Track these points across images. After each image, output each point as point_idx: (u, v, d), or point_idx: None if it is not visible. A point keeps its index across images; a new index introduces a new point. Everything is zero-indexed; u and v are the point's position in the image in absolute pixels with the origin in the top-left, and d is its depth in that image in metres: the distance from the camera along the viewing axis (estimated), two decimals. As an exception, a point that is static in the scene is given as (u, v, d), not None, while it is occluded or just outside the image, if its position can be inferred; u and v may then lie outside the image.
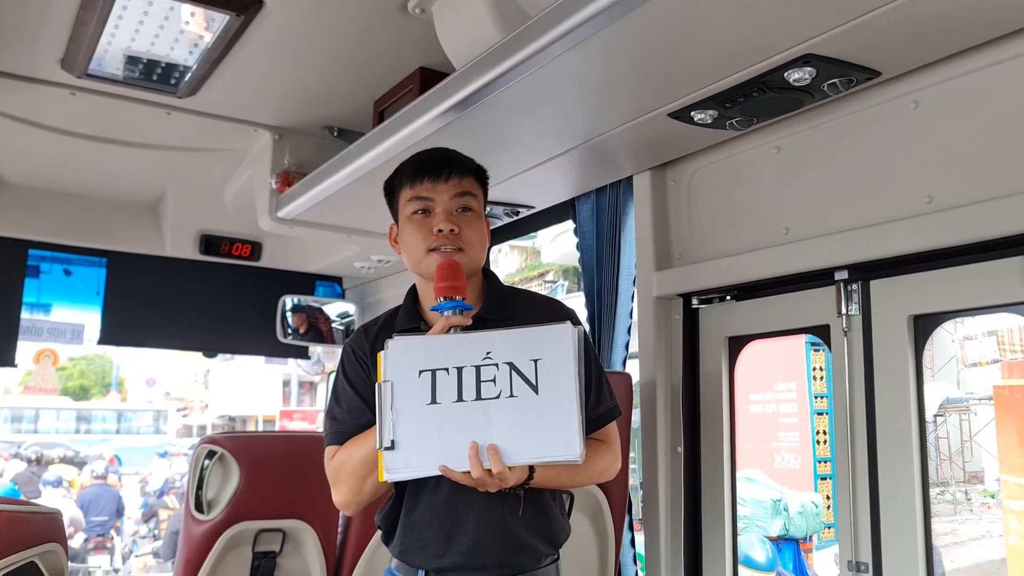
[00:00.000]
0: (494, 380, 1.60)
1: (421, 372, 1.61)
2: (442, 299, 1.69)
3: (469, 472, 1.56)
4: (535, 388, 1.60)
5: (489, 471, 1.55)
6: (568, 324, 1.66)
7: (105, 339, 4.15)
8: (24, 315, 3.88)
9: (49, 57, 2.61)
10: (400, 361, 1.61)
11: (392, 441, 1.57)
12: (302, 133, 3.17)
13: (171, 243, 3.99)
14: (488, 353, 1.62)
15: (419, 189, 1.82)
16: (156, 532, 12.52)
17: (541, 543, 1.79)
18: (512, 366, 1.61)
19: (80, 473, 16.81)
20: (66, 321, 5.14)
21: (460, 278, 1.71)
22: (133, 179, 3.67)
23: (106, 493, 12.43)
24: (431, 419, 1.58)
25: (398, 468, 1.58)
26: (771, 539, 7.68)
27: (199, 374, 30.01)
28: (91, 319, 4.39)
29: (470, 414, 1.59)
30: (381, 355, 1.62)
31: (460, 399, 1.59)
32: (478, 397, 1.60)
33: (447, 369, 1.61)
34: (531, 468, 1.62)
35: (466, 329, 1.68)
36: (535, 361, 1.61)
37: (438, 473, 1.57)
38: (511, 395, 1.59)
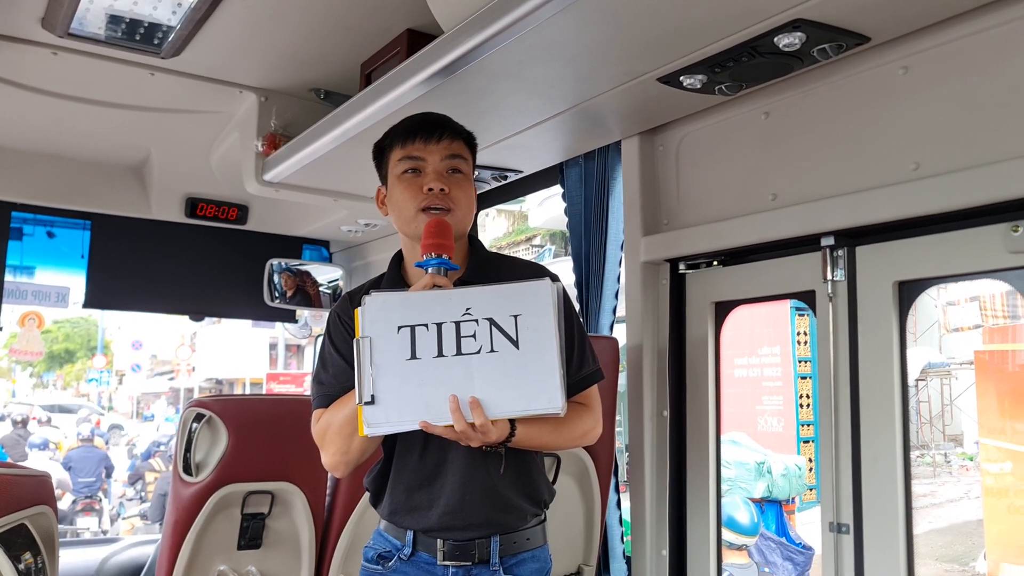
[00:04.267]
0: (474, 335, 1.61)
1: (400, 328, 1.61)
2: (428, 255, 1.69)
3: (451, 426, 1.58)
4: (515, 343, 1.61)
5: (472, 424, 1.57)
6: (547, 280, 1.68)
7: (90, 302, 4.13)
8: (8, 278, 3.85)
9: (30, 16, 2.57)
10: (378, 317, 1.62)
11: (372, 396, 1.58)
12: (288, 95, 3.14)
13: (156, 206, 3.96)
14: (468, 309, 1.63)
15: (410, 149, 1.83)
16: (143, 494, 12.59)
17: (526, 502, 1.82)
18: (492, 321, 1.62)
19: (66, 435, 16.82)
20: (51, 284, 5.11)
21: (448, 237, 1.72)
22: (117, 141, 3.63)
23: (92, 454, 12.46)
24: (411, 374, 1.59)
25: (379, 422, 1.59)
26: (754, 501, 7.80)
27: (186, 337, 29.97)
28: (76, 282, 4.37)
29: (451, 369, 1.60)
30: (358, 311, 1.63)
31: (440, 354, 1.60)
32: (458, 352, 1.61)
33: (426, 325, 1.61)
34: (512, 426, 1.64)
35: None
36: (515, 317, 1.62)
37: (419, 428, 1.59)
38: (492, 350, 1.61)
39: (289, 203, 3.60)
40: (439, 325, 1.62)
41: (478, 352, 1.61)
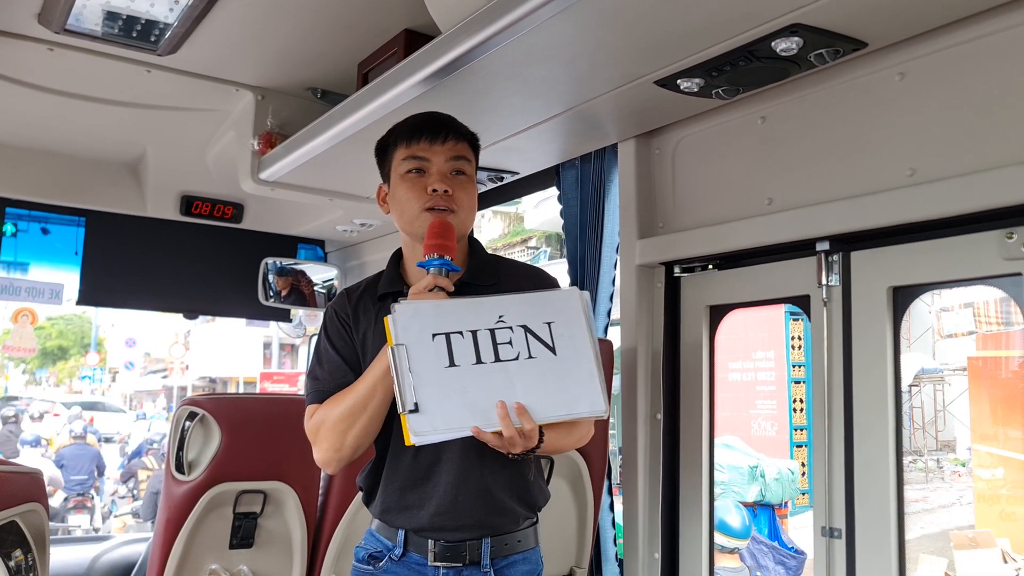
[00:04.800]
0: (511, 343, 1.62)
1: (435, 336, 1.60)
2: (430, 256, 1.69)
3: (499, 432, 1.57)
4: (552, 349, 1.63)
5: (519, 430, 1.57)
6: (575, 288, 1.72)
7: (84, 299, 4.11)
8: (1, 274, 3.84)
9: (26, 12, 2.56)
10: (411, 324, 1.60)
11: (416, 404, 1.56)
12: (285, 94, 3.13)
13: (151, 203, 3.95)
14: (501, 316, 1.63)
15: (415, 148, 1.83)
16: (135, 492, 12.56)
17: (519, 505, 1.82)
18: (527, 328, 1.63)
19: (59, 433, 16.77)
20: (44, 280, 5.09)
21: (451, 238, 1.73)
22: (112, 138, 3.62)
23: (85, 452, 12.44)
24: (452, 381, 1.58)
25: (425, 431, 1.56)
26: (747, 505, 7.81)
27: (179, 335, 29.89)
28: (70, 279, 4.35)
29: (492, 376, 1.59)
30: (388, 319, 1.61)
31: (479, 361, 1.60)
32: (497, 359, 1.61)
33: (461, 332, 1.61)
34: (541, 434, 1.63)
35: (455, 294, 1.69)
36: (548, 324, 1.64)
37: (468, 435, 1.57)
38: (530, 356, 1.62)
39: (285, 202, 3.60)
40: (474, 332, 1.61)
41: (516, 359, 1.61)
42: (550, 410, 1.60)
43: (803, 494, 8.96)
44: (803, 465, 9.33)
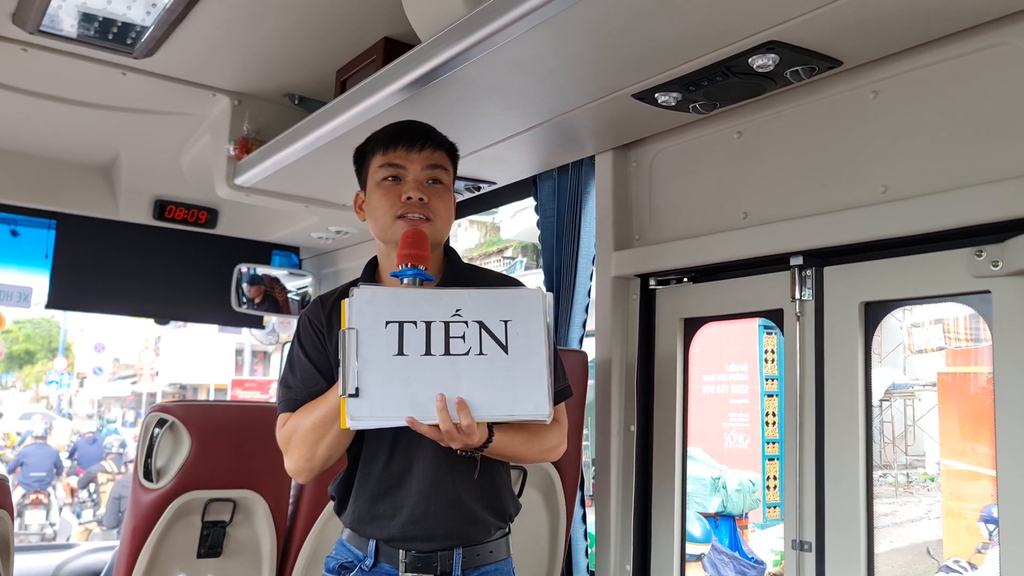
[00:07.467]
0: (463, 337, 1.60)
1: (388, 323, 1.59)
2: (404, 266, 1.68)
3: (436, 425, 1.56)
4: (504, 348, 1.61)
5: (457, 425, 1.56)
6: (539, 289, 1.70)
7: (53, 303, 4.06)
8: (-31, 276, 3.78)
9: (0, 12, 2.53)
10: (366, 310, 1.60)
11: (356, 388, 1.55)
12: (262, 100, 3.11)
13: (124, 207, 3.91)
14: (458, 310, 1.62)
15: (391, 156, 1.82)
16: (95, 498, 12.47)
17: (491, 515, 1.81)
18: (482, 325, 1.62)
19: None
20: (13, 283, 5.02)
21: (425, 247, 1.72)
22: (86, 140, 3.58)
23: (44, 451, 12.51)
24: (398, 370, 1.57)
25: (362, 416, 1.56)
26: (708, 516, 7.87)
27: (150, 340, 29.55)
28: (39, 282, 4.30)
29: (439, 368, 1.58)
30: (345, 303, 1.60)
31: (428, 353, 1.59)
32: (447, 352, 1.59)
33: (415, 322, 1.60)
34: (490, 433, 1.63)
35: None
36: (505, 322, 1.62)
37: (403, 424, 1.57)
38: (480, 352, 1.60)
39: (259, 208, 3.58)
40: (428, 324, 1.60)
41: (466, 354, 1.60)
42: (493, 408, 1.59)
43: (773, 507, 9.01)
44: (774, 478, 9.39)
